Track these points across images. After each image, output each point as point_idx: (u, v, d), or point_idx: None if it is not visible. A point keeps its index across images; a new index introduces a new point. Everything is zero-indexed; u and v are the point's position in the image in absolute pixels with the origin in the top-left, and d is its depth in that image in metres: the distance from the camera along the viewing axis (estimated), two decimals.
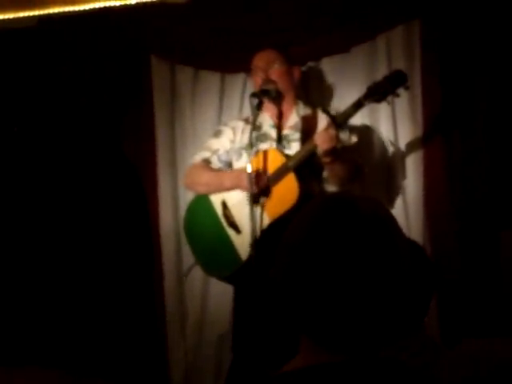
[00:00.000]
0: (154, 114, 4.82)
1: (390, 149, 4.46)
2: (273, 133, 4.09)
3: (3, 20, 4.80)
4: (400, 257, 1.42)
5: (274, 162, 3.91)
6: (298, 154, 3.90)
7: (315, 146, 3.77)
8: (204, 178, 4.19)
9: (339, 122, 3.76)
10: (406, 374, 1.42)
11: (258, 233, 3.76)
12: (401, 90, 3.69)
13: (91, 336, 0.96)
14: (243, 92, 4.67)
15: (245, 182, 3.88)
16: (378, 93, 3.67)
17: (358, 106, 3.73)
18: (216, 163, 4.22)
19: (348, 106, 3.80)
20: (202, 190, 4.22)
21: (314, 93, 4.63)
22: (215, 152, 4.22)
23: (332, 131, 3.72)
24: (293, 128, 4.09)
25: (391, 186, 4.49)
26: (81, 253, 0.94)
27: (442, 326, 4.19)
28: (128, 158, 4.78)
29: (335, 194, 2.45)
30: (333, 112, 3.91)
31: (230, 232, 4.05)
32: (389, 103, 3.77)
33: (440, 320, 4.19)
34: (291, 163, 3.86)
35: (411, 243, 2.43)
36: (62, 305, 0.94)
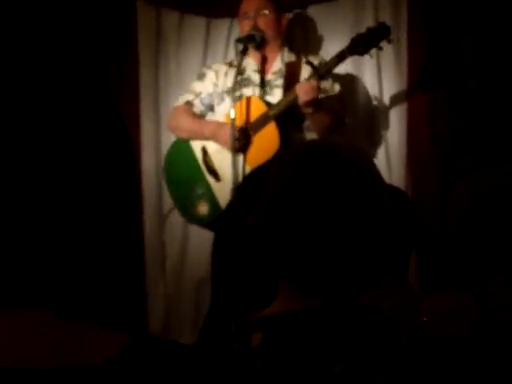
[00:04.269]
0: (139, 58, 4.78)
1: (374, 99, 4.45)
2: (256, 77, 4.08)
3: None
4: (380, 203, 1.43)
5: (256, 110, 3.90)
6: (279, 103, 3.89)
7: (296, 97, 3.76)
8: (186, 124, 4.18)
9: (321, 73, 3.75)
10: (381, 322, 1.43)
11: (239, 181, 3.76)
12: (384, 43, 3.68)
13: (71, 275, 0.96)
14: (228, 37, 4.63)
15: (222, 136, 3.92)
16: (361, 45, 3.66)
17: (341, 57, 3.72)
18: (199, 106, 4.21)
19: (331, 58, 3.79)
20: (183, 135, 4.22)
21: (299, 40, 4.60)
22: (198, 95, 4.20)
23: (314, 82, 3.72)
24: (276, 74, 4.08)
25: (374, 136, 4.49)
26: (63, 192, 0.94)
27: (421, 277, 4.21)
28: (112, 101, 4.75)
29: (316, 141, 2.44)
30: (317, 61, 3.90)
31: (210, 179, 4.05)
32: (371, 56, 3.76)
33: (419, 270, 4.22)
34: (272, 112, 3.85)
35: (395, 190, 2.44)
36: (44, 243, 0.94)
